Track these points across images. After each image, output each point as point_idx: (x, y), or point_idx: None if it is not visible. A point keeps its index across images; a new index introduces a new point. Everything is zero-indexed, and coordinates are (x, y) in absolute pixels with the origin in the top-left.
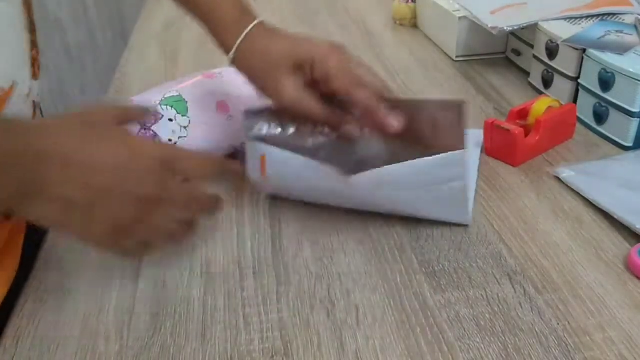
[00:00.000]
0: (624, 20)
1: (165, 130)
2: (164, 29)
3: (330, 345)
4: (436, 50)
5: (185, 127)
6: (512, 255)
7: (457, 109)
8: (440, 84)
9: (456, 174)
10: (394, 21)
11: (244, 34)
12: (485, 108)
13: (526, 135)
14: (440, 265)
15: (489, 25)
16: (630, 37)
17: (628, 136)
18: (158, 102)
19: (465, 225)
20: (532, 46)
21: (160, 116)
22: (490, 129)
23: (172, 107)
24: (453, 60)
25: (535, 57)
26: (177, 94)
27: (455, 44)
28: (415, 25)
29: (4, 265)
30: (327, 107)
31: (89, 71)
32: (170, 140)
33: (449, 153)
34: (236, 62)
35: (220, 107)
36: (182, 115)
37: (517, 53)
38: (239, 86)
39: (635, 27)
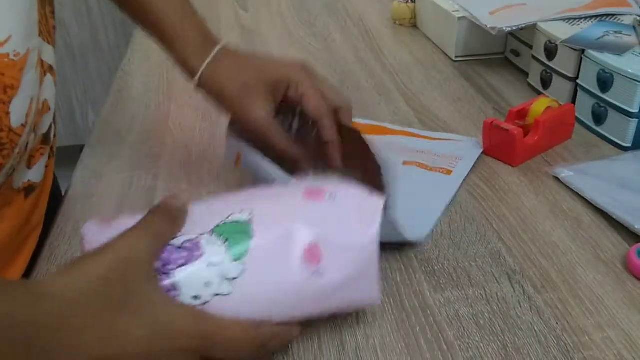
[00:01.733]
0: (622, 21)
1: (194, 280)
2: None
3: (330, 344)
4: (435, 50)
5: (231, 280)
6: (511, 254)
7: (383, 197)
8: (439, 84)
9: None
10: (393, 21)
11: (211, 56)
12: (484, 108)
13: (525, 135)
14: (440, 264)
15: (488, 26)
16: (628, 38)
17: (626, 136)
18: (209, 230)
19: (464, 225)
20: (531, 47)
21: (199, 254)
22: (489, 129)
23: (226, 239)
24: (452, 60)
25: (534, 57)
26: (248, 216)
27: (454, 44)
28: (414, 26)
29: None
30: (288, 141)
31: (92, 71)
32: (196, 297)
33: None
34: (203, 85)
35: (308, 255)
36: (236, 260)
37: (516, 53)
38: (349, 221)
39: (634, 27)
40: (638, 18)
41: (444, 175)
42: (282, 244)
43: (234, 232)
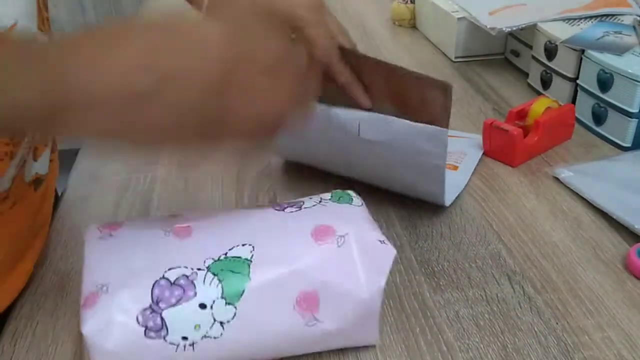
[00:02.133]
0: (622, 21)
1: (184, 322)
2: None
3: None
4: (435, 51)
5: (224, 323)
6: (511, 255)
7: (445, 90)
8: None
9: (437, 151)
10: (392, 22)
11: None
12: (484, 109)
13: (525, 135)
14: (440, 266)
15: (488, 26)
16: (628, 38)
17: (626, 137)
18: (205, 266)
19: (464, 226)
20: (530, 47)
21: (192, 294)
22: (489, 129)
23: (220, 280)
24: (452, 61)
25: (534, 57)
26: (249, 254)
27: (454, 45)
28: (414, 26)
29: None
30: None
31: None
32: (184, 338)
33: (434, 127)
34: (208, 14)
35: (303, 304)
36: (228, 303)
37: (516, 54)
38: (356, 271)
39: (634, 27)
40: (638, 18)
41: (451, 171)
42: (276, 291)
43: (231, 272)
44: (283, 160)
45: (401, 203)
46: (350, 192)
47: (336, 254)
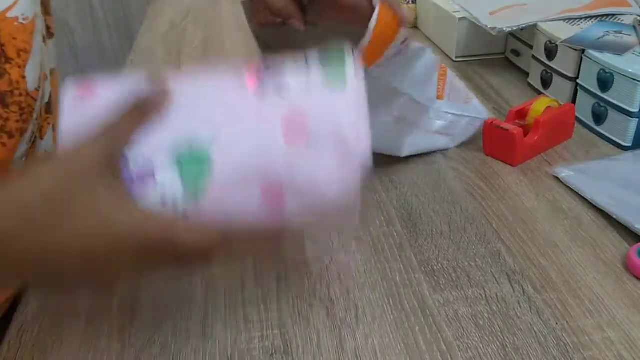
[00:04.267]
0: (622, 20)
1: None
2: (170, 29)
3: (330, 344)
4: (436, 50)
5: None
6: (511, 254)
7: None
8: None
9: None
10: None
11: None
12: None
13: (525, 135)
14: (439, 264)
15: (489, 26)
16: (629, 38)
17: (627, 136)
18: (162, 149)
19: (464, 225)
20: (531, 47)
21: (153, 185)
22: (490, 129)
23: (181, 172)
24: (453, 60)
25: (534, 57)
26: (205, 144)
27: (455, 45)
28: (415, 26)
29: None
30: None
31: (96, 72)
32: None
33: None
34: None
35: (268, 195)
36: (191, 197)
37: (517, 54)
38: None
39: (634, 27)
40: (638, 18)
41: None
42: (241, 183)
43: (190, 161)
44: None
45: (401, 203)
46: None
47: (306, 154)
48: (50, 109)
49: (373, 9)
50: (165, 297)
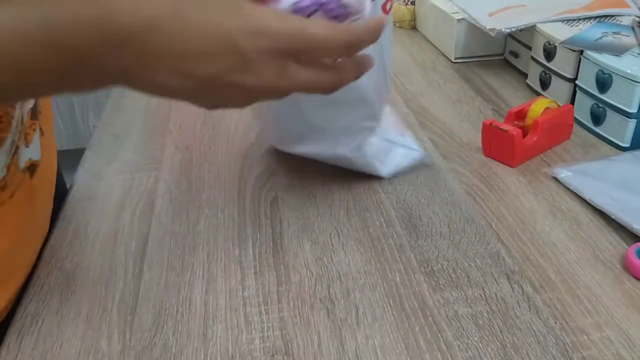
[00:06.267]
0: (621, 21)
1: None
2: None
3: (330, 344)
4: (435, 52)
5: None
6: (510, 254)
7: None
8: (438, 86)
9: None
10: (392, 23)
11: None
12: (484, 109)
13: (524, 136)
14: (439, 265)
15: (487, 27)
16: (627, 39)
17: (625, 137)
18: None
19: (463, 225)
20: (529, 48)
21: None
22: (488, 130)
23: None
24: (452, 61)
25: (533, 58)
26: None
27: (453, 46)
28: (414, 27)
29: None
30: None
31: None
32: None
33: None
34: None
35: None
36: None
37: (515, 55)
38: None
39: (633, 28)
40: (637, 19)
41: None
42: None
43: None
44: (279, 156)
45: (401, 203)
46: None
47: None
48: (35, 114)
49: None
50: (165, 298)
